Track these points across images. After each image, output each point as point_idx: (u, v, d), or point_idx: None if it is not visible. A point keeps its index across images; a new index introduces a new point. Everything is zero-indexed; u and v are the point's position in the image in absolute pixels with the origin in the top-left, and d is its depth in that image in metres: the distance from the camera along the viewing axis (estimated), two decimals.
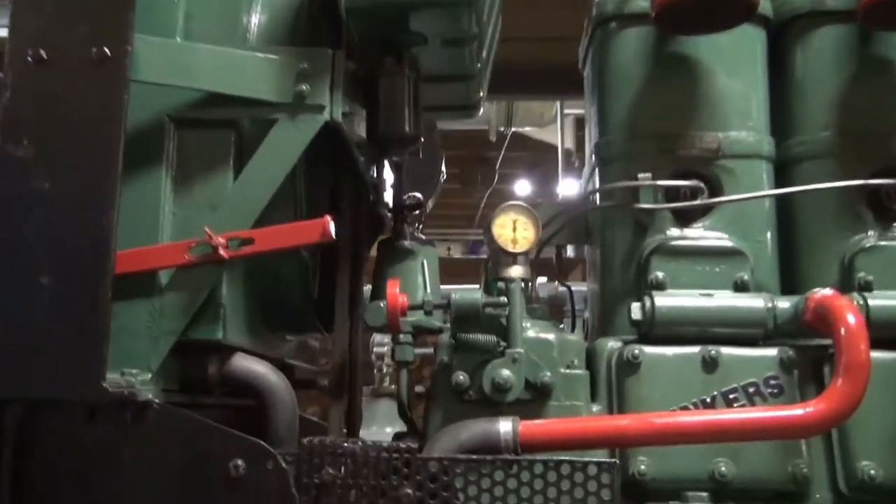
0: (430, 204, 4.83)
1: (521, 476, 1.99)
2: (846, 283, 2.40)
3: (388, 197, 2.85)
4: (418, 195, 3.33)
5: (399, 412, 2.48)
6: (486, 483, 1.99)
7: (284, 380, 2.30)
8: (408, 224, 2.66)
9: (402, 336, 2.39)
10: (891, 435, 2.18)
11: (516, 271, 2.46)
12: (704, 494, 2.04)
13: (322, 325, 2.64)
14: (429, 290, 2.43)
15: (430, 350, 2.42)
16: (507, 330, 2.27)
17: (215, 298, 2.14)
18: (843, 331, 2.03)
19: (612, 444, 2.09)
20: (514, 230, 2.46)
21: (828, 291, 2.21)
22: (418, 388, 2.89)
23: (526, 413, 2.28)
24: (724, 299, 2.33)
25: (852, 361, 1.99)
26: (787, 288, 2.49)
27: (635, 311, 2.34)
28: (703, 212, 2.50)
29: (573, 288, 3.19)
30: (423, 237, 2.66)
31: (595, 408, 2.32)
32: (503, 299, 2.30)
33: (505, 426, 2.07)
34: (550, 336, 2.36)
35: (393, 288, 2.29)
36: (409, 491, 2.00)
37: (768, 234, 2.51)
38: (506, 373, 2.22)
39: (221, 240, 2.09)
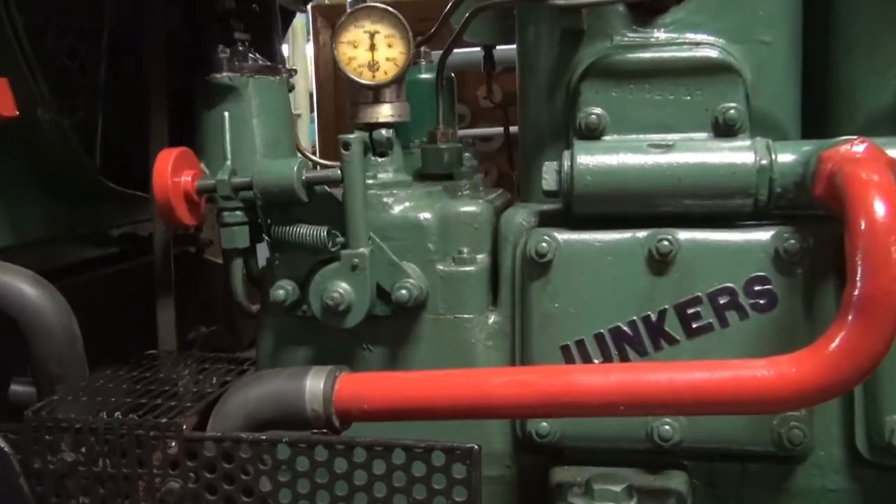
0: None
1: (334, 466, 1.31)
2: None
3: None
4: None
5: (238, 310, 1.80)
6: (285, 474, 1.33)
7: (46, 289, 1.61)
8: (244, 42, 1.77)
9: (225, 215, 1.65)
10: None
11: (382, 113, 1.63)
12: (616, 489, 1.31)
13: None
14: (228, 157, 1.61)
15: None
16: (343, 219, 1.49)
17: None
18: (862, 226, 1.15)
19: (471, 415, 1.34)
20: (371, 48, 1.59)
21: (858, 147, 1.29)
22: None
23: (390, 333, 1.58)
24: (690, 151, 1.43)
25: (871, 291, 1.13)
26: (815, 128, 1.56)
27: (548, 175, 1.49)
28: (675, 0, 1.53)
29: None
30: (263, 61, 1.79)
31: (493, 318, 1.56)
32: (335, 171, 1.49)
33: (313, 386, 1.35)
34: (423, 216, 1.56)
35: (163, 161, 1.50)
36: (177, 484, 1.37)
37: (785, 34, 1.52)
38: (340, 288, 1.48)
39: None
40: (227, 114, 1.61)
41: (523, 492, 1.55)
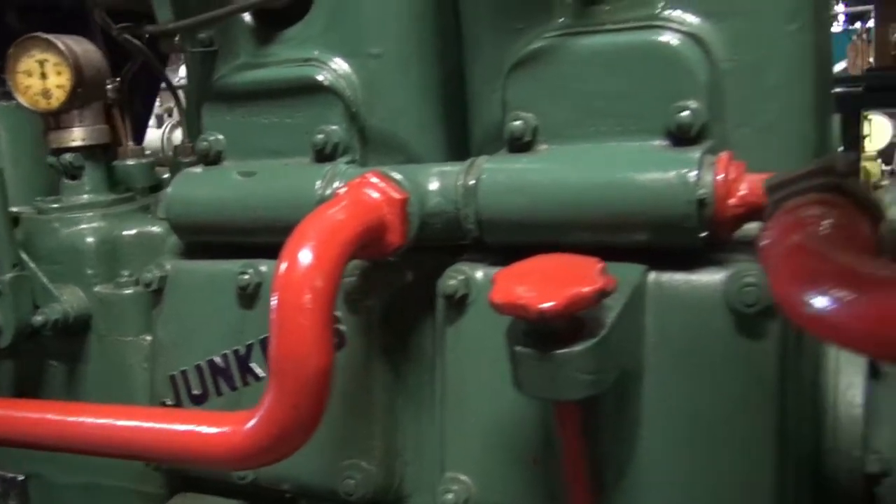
0: None
1: None
2: None
3: None
4: None
5: None
6: None
7: None
8: None
9: None
10: (501, 430, 1.20)
11: (69, 138, 1.69)
12: None
13: None
14: None
15: None
16: None
17: None
18: (281, 269, 1.05)
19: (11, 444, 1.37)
20: (42, 76, 1.65)
21: (364, 179, 1.17)
22: None
23: (67, 351, 1.67)
24: (268, 181, 1.36)
25: (276, 352, 1.04)
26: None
27: (162, 202, 1.48)
28: (301, 14, 1.43)
29: None
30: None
31: (149, 338, 1.58)
32: None
33: None
34: (84, 240, 1.61)
35: None
36: None
37: (398, 44, 1.38)
38: None
39: None
40: None
41: None
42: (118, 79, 1.91)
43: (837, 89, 6.73)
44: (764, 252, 0.71)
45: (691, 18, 1.15)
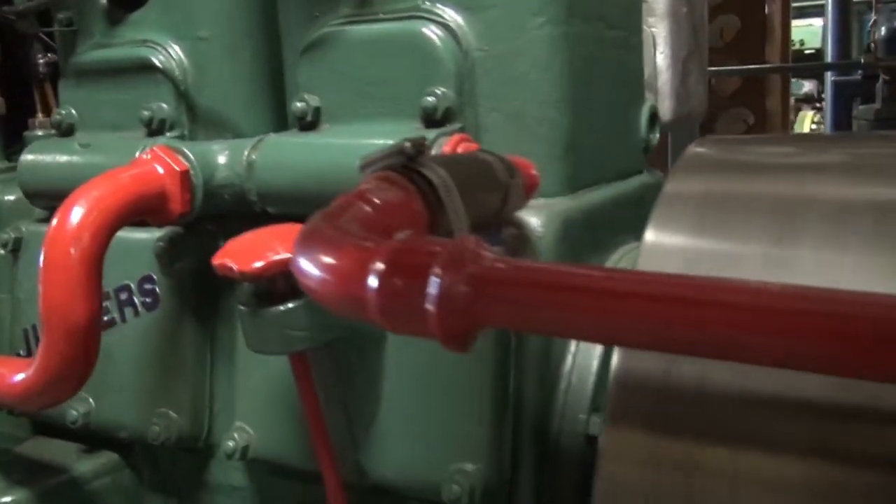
0: None
1: None
2: None
3: None
4: None
5: None
6: None
7: None
8: None
9: None
10: (277, 384, 1.31)
11: None
12: None
13: None
14: None
15: None
16: None
17: None
18: (52, 224, 1.20)
19: None
20: None
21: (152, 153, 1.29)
22: None
23: None
24: (103, 152, 1.49)
25: (44, 304, 1.17)
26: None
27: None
28: None
29: None
30: None
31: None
32: None
33: None
34: None
35: None
36: None
37: (225, 28, 1.48)
38: None
39: None
40: None
41: None
42: (49, 54, 2.08)
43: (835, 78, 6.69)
44: None
45: (448, 10, 1.24)
